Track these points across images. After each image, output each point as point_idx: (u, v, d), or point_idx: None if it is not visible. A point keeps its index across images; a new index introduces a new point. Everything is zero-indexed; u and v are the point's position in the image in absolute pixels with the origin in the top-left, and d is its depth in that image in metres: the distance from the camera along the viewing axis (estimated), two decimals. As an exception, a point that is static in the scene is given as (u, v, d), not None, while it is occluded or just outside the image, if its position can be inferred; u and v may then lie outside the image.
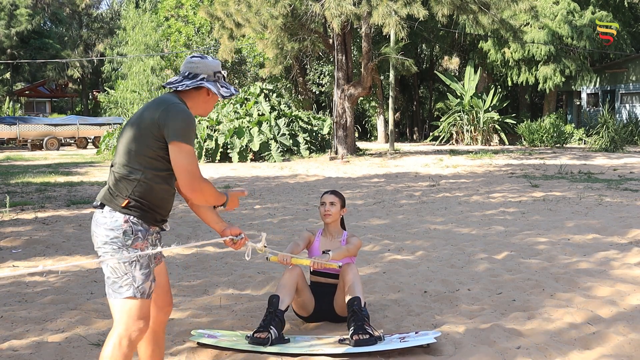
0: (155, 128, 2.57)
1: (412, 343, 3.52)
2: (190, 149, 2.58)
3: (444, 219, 8.46)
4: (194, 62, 2.79)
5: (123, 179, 2.61)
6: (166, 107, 2.60)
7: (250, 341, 3.62)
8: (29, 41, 44.90)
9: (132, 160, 2.60)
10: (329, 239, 4.18)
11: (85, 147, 32.42)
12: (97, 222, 2.63)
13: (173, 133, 2.55)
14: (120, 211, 2.59)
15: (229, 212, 9.33)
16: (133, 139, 2.60)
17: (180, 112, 2.60)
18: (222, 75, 2.85)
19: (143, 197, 2.62)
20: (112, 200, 2.61)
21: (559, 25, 25.97)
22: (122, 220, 2.58)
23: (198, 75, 2.76)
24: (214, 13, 20.59)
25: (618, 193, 10.89)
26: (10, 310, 4.45)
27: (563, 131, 26.33)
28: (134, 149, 2.59)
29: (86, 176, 15.68)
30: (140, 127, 2.61)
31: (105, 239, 2.58)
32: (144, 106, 2.73)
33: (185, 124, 2.57)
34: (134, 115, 2.72)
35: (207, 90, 2.79)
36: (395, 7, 17.06)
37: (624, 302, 4.38)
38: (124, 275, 2.56)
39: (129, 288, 2.56)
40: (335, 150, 20.87)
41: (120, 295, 2.56)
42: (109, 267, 2.58)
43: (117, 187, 2.61)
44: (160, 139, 2.58)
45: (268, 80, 29.34)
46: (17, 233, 7.49)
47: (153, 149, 2.58)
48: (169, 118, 2.56)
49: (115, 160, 2.67)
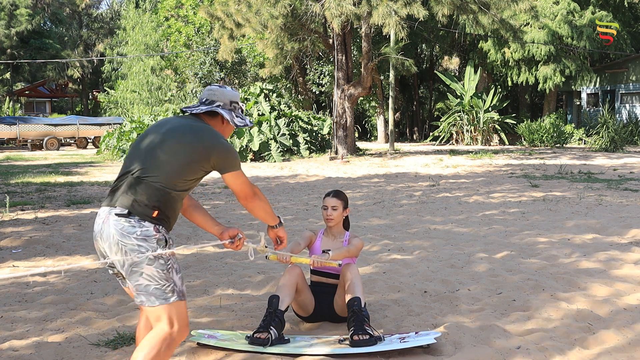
0: (204, 158, 2.72)
1: (412, 343, 3.52)
2: (242, 174, 2.84)
3: (444, 219, 8.46)
4: (212, 89, 2.98)
5: (154, 190, 2.66)
6: (214, 142, 2.76)
7: (250, 341, 3.61)
8: (29, 41, 44.92)
9: (169, 177, 2.68)
10: (330, 239, 4.18)
11: (85, 147, 32.44)
12: (123, 231, 2.60)
13: (229, 165, 2.78)
14: (151, 221, 2.63)
15: (229, 212, 9.33)
16: (172, 159, 2.68)
17: (226, 144, 2.79)
18: (238, 106, 3.01)
19: (167, 209, 2.71)
20: (141, 209, 2.63)
21: (559, 25, 25.96)
22: (154, 230, 2.63)
23: (214, 102, 2.93)
24: (214, 13, 20.59)
25: (618, 193, 10.90)
26: (10, 310, 4.45)
27: (563, 131, 26.33)
28: (173, 169, 2.68)
29: (86, 176, 15.69)
30: (183, 151, 2.70)
31: (137, 248, 2.59)
32: (175, 124, 2.80)
33: (234, 154, 2.80)
34: (162, 129, 2.79)
35: (222, 117, 2.95)
36: (395, 7, 17.06)
37: (624, 302, 4.38)
38: (166, 282, 2.62)
39: (173, 293, 2.64)
40: (335, 150, 20.87)
41: (167, 301, 2.63)
42: (144, 275, 2.60)
43: (146, 197, 2.65)
44: (206, 169, 2.76)
45: (268, 80, 29.33)
46: (17, 233, 7.49)
47: (195, 173, 2.74)
48: (221, 153, 2.75)
49: (140, 168, 2.69)
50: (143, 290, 2.62)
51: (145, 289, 2.62)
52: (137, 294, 2.64)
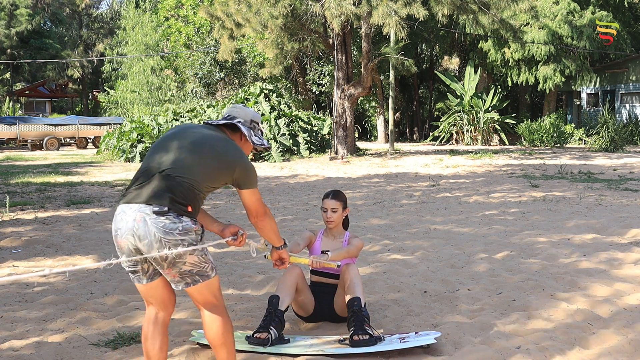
0: (228, 171, 2.91)
1: (412, 343, 3.52)
2: (258, 192, 3.05)
3: (444, 219, 8.46)
4: (236, 107, 3.18)
5: (185, 188, 2.79)
6: (239, 157, 2.95)
7: (250, 341, 3.61)
8: (29, 41, 44.93)
9: (197, 179, 2.82)
10: (330, 239, 4.18)
11: (85, 147, 32.44)
12: (165, 229, 2.70)
13: (249, 182, 2.98)
14: (187, 215, 2.78)
15: (229, 212, 9.34)
16: (202, 163, 2.85)
17: (248, 162, 2.99)
18: (258, 126, 3.19)
19: (196, 206, 2.87)
20: (177, 205, 2.75)
21: (559, 25, 25.96)
22: (191, 223, 2.77)
23: (235, 118, 3.13)
24: (214, 13, 20.58)
25: (618, 193, 10.90)
26: (10, 310, 4.45)
27: (563, 131, 26.34)
28: (201, 173, 2.84)
29: (86, 176, 15.69)
30: (211, 159, 2.87)
31: (180, 242, 2.72)
32: (205, 132, 2.96)
33: (254, 173, 3.01)
34: (192, 133, 2.93)
35: (241, 134, 3.12)
36: (395, 7, 17.06)
37: (624, 302, 4.38)
38: (205, 264, 2.84)
39: (212, 270, 2.88)
40: (335, 150, 20.87)
41: (208, 278, 2.86)
42: (187, 263, 2.78)
43: (179, 194, 2.77)
44: (226, 181, 2.95)
45: (268, 80, 29.33)
46: (17, 233, 7.49)
47: (217, 182, 2.92)
48: (243, 170, 2.95)
49: (170, 167, 2.80)
50: (188, 274, 2.81)
51: (189, 272, 2.81)
52: (180, 279, 2.81)
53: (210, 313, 2.91)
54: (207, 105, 24.55)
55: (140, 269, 2.85)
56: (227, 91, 31.38)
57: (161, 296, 2.94)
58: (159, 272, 2.89)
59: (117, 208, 2.84)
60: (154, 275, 2.88)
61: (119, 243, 2.79)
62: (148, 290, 2.91)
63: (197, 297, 2.90)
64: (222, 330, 2.91)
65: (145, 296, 2.95)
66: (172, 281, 2.85)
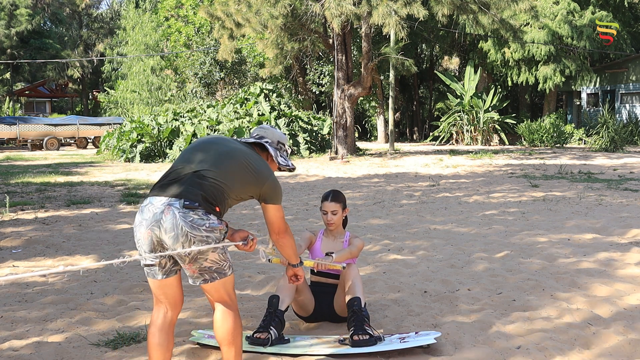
0: (257, 185, 3.02)
1: (412, 344, 3.52)
2: (282, 210, 3.17)
3: (444, 219, 8.46)
4: (264, 127, 3.32)
5: (216, 189, 2.88)
6: (269, 174, 3.07)
7: (250, 341, 3.62)
8: (29, 41, 44.93)
9: (229, 185, 2.93)
10: (331, 239, 4.18)
11: (85, 147, 32.43)
12: (193, 224, 2.76)
13: (275, 199, 3.10)
14: (214, 214, 2.85)
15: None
16: (236, 171, 2.96)
17: (277, 181, 3.11)
18: (284, 147, 3.33)
19: (223, 209, 2.96)
20: (207, 203, 2.83)
21: (559, 25, 25.96)
22: (217, 222, 2.84)
23: (263, 138, 3.27)
24: (214, 13, 20.58)
25: (618, 193, 10.90)
26: (10, 310, 4.45)
27: (563, 131, 26.34)
28: (233, 181, 2.95)
29: (86, 176, 15.68)
30: (245, 170, 2.99)
31: (205, 239, 2.79)
32: (240, 145, 3.09)
33: (280, 191, 3.13)
34: (228, 143, 3.06)
35: (268, 154, 3.24)
36: (395, 7, 17.06)
37: (624, 302, 4.38)
38: (224, 262, 2.91)
39: (229, 268, 2.96)
40: (335, 150, 20.87)
41: (225, 276, 2.93)
42: (208, 260, 2.85)
43: (210, 193, 2.86)
44: (253, 194, 3.05)
45: (268, 80, 29.33)
46: (17, 233, 7.48)
47: (245, 194, 3.03)
48: (271, 186, 3.06)
49: (205, 168, 2.90)
50: (207, 270, 2.88)
51: (209, 269, 2.88)
52: (199, 275, 2.88)
53: (223, 311, 2.96)
54: (207, 105, 24.56)
55: (158, 263, 2.87)
56: (227, 91, 31.39)
57: (173, 294, 2.97)
58: (174, 270, 2.93)
59: (145, 200, 2.89)
60: (169, 272, 2.91)
61: (142, 233, 2.81)
62: (161, 287, 2.93)
63: (213, 294, 2.96)
64: (233, 329, 2.95)
65: (157, 293, 2.96)
66: (190, 276, 2.90)
